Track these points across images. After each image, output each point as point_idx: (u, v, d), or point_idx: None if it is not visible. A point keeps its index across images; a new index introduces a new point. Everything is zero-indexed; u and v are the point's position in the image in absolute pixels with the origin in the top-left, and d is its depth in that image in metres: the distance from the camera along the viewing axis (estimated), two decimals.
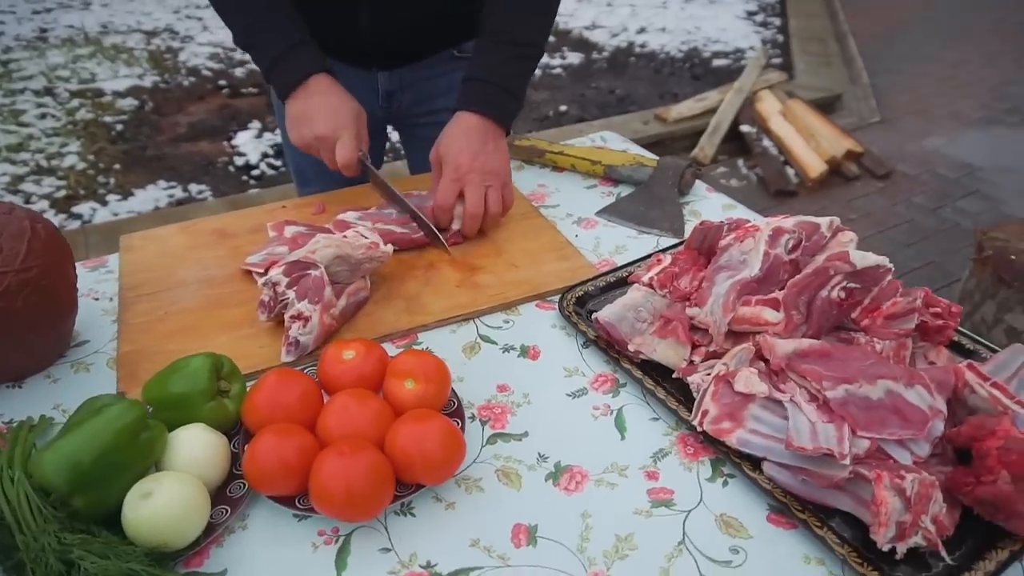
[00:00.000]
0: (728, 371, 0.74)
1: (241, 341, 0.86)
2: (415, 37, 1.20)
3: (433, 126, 1.32)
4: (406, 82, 1.25)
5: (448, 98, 1.29)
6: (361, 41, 1.16)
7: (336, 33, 1.15)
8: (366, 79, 1.24)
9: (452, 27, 1.23)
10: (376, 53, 1.20)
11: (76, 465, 0.58)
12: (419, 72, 1.25)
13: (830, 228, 0.84)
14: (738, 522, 0.66)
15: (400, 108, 1.29)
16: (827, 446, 0.65)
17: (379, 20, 1.13)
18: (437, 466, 0.66)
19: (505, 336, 0.89)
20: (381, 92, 1.26)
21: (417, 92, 1.27)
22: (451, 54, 1.26)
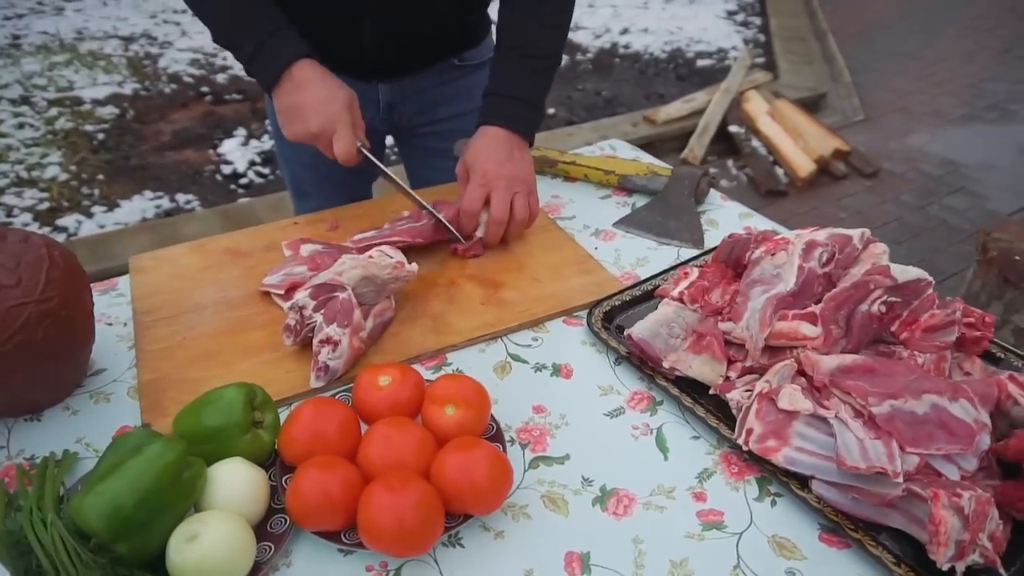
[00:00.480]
0: (771, 388, 0.73)
1: (265, 366, 0.84)
2: (417, 48, 1.19)
3: (435, 136, 1.32)
4: (407, 93, 1.24)
5: (450, 107, 1.29)
6: (363, 54, 1.14)
7: (338, 47, 1.13)
8: (366, 91, 1.21)
9: (453, 36, 1.22)
10: (377, 65, 1.19)
11: (119, 509, 0.56)
12: (420, 82, 1.24)
13: (861, 240, 0.84)
14: (791, 543, 0.66)
15: (401, 119, 1.28)
16: (879, 464, 0.65)
17: (382, 33, 1.12)
18: (486, 495, 0.64)
19: (535, 354, 0.87)
20: (382, 104, 1.24)
21: (419, 102, 1.26)
22: (452, 63, 1.25)
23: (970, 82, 4.66)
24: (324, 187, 1.33)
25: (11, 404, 0.76)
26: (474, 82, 1.28)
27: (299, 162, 1.33)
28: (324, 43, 1.11)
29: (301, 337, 0.83)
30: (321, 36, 1.10)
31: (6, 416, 0.77)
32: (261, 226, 1.12)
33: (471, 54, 1.26)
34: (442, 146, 1.30)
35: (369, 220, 1.12)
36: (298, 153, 1.30)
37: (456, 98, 1.28)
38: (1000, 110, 4.25)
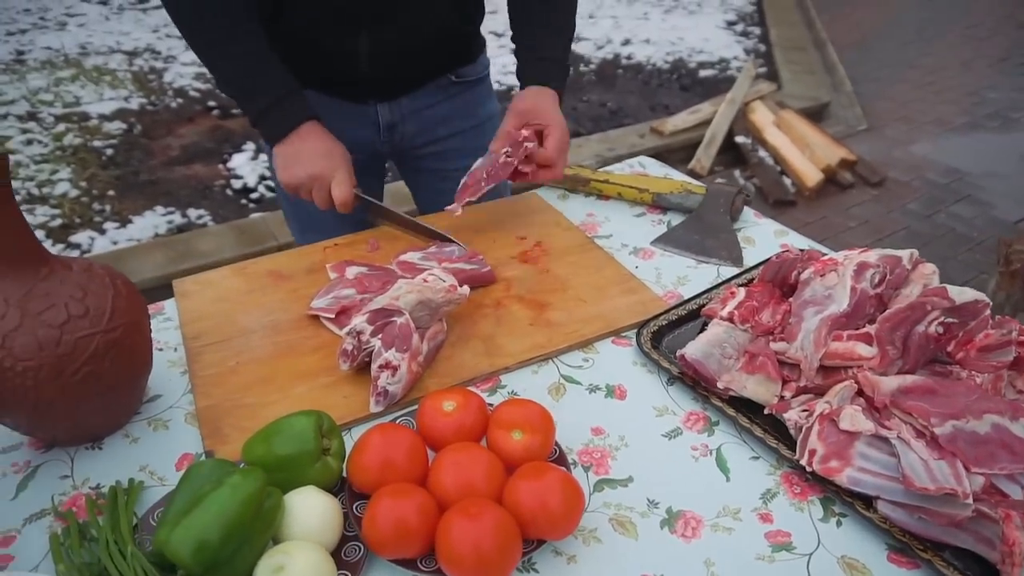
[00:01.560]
0: (832, 409, 0.74)
1: (322, 391, 0.84)
2: (413, 62, 1.19)
3: (436, 156, 1.31)
4: (406, 112, 1.24)
5: (449, 125, 1.29)
6: (360, 70, 1.14)
7: (336, 62, 1.14)
8: (366, 113, 1.22)
9: (449, 51, 1.23)
10: (375, 83, 1.19)
11: (206, 543, 0.56)
12: (418, 101, 1.24)
13: (911, 260, 0.85)
14: (861, 564, 0.66)
15: (402, 140, 1.28)
16: (948, 485, 0.65)
17: (379, 45, 1.12)
18: (561, 521, 0.65)
19: (587, 375, 0.88)
20: (382, 125, 1.24)
21: (418, 122, 1.26)
22: (449, 80, 1.25)
23: (970, 90, 4.70)
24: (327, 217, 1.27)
25: (75, 433, 0.76)
26: (471, 99, 1.31)
27: None
28: (322, 63, 1.14)
29: (358, 362, 0.83)
30: (320, 56, 1.13)
31: (68, 445, 0.78)
32: (301, 248, 1.13)
33: (467, 70, 1.27)
34: (445, 167, 1.31)
35: (408, 241, 1.13)
36: None
37: (455, 116, 1.29)
38: (1001, 118, 4.29)
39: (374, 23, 1.09)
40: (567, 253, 1.09)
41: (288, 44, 1.09)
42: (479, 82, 1.31)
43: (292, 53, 1.09)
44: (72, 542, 0.65)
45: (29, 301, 0.68)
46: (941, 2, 6.83)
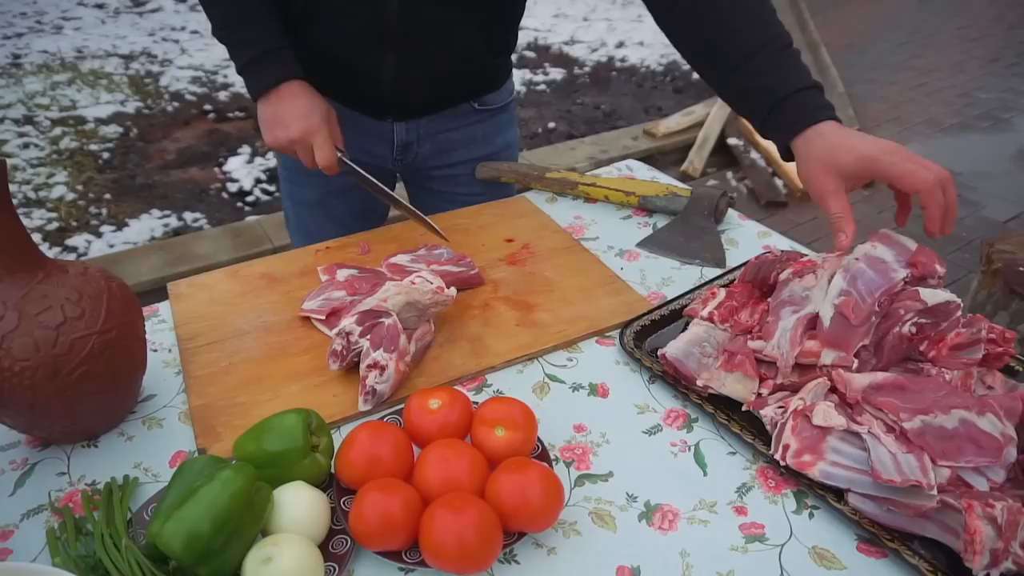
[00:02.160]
0: (805, 405, 0.77)
1: (312, 391, 0.86)
2: (437, 89, 1.18)
3: (447, 180, 1.30)
4: (423, 134, 1.23)
5: (466, 151, 1.27)
6: (382, 91, 1.14)
7: (358, 82, 1.13)
8: (382, 130, 1.22)
9: (475, 80, 1.22)
10: (395, 104, 1.19)
11: (197, 534, 0.58)
12: (437, 124, 1.23)
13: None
14: (831, 554, 0.69)
15: (415, 161, 1.27)
16: (913, 477, 0.68)
17: (403, 71, 1.11)
18: (541, 514, 0.67)
19: (571, 374, 0.90)
20: (396, 144, 1.23)
21: (434, 144, 1.25)
22: (471, 107, 1.24)
23: (961, 91, 4.74)
24: (329, 228, 1.30)
25: (71, 432, 0.78)
26: (491, 127, 1.28)
27: (304, 201, 1.33)
28: (344, 77, 1.13)
29: (347, 362, 0.86)
30: (342, 70, 1.12)
31: (65, 443, 0.80)
32: (293, 251, 1.15)
33: (491, 98, 1.26)
34: (453, 191, 1.30)
35: (398, 244, 1.15)
36: (305, 191, 1.30)
37: (472, 143, 1.27)
38: (992, 118, 4.33)
39: (401, 46, 1.08)
40: (554, 255, 1.11)
41: (313, 53, 1.10)
42: (501, 110, 1.29)
43: (316, 61, 1.10)
44: (68, 536, 0.67)
45: (26, 303, 0.70)
46: (933, 5, 6.88)
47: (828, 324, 0.79)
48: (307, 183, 1.28)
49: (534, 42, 5.55)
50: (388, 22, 1.04)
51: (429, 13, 1.04)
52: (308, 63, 1.08)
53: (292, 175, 1.31)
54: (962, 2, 6.93)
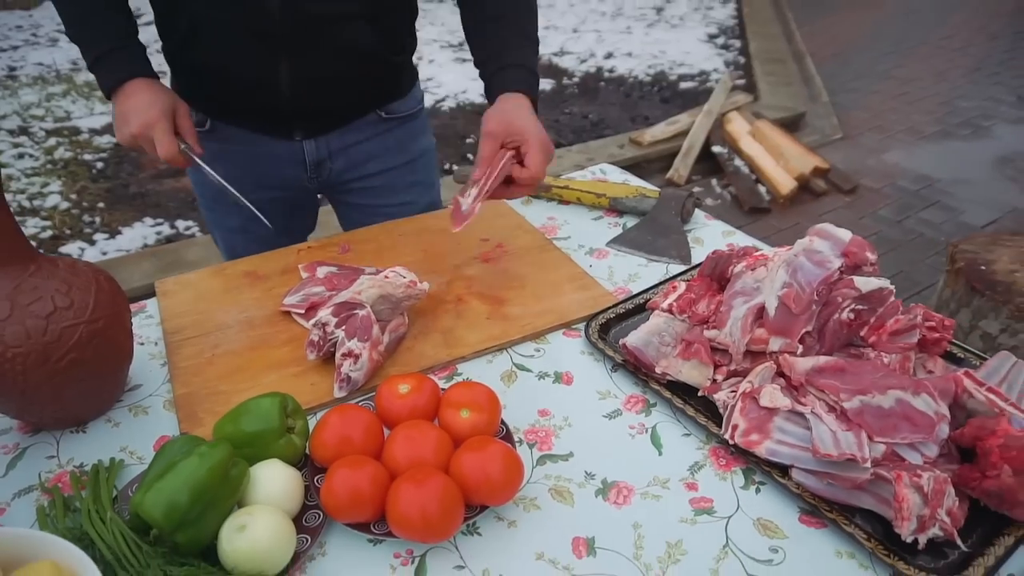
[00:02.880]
0: (753, 388, 0.81)
1: (290, 379, 0.91)
2: (337, 93, 1.17)
3: (366, 192, 1.29)
4: (334, 149, 1.23)
5: (380, 161, 1.27)
6: (281, 101, 1.13)
7: (257, 98, 1.13)
8: (292, 150, 1.21)
9: (377, 82, 1.21)
10: (299, 116, 1.18)
11: (176, 504, 0.63)
12: (347, 138, 1.23)
13: None
14: (774, 524, 0.73)
15: (331, 177, 1.27)
16: (849, 452, 0.73)
17: (300, 75, 1.11)
18: (500, 488, 0.72)
19: (538, 364, 0.95)
20: (309, 163, 1.23)
21: (347, 158, 1.25)
22: (378, 116, 1.24)
23: (943, 100, 4.82)
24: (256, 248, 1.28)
25: (60, 417, 0.82)
26: (403, 135, 1.27)
27: (229, 227, 1.34)
28: (243, 94, 1.13)
29: (323, 352, 0.90)
30: (240, 87, 1.12)
31: (55, 428, 0.84)
32: (276, 250, 1.20)
33: (397, 106, 1.25)
34: (374, 203, 1.30)
35: (377, 243, 1.20)
36: (226, 219, 1.32)
37: (386, 152, 1.27)
38: (972, 126, 4.41)
39: (292, 48, 1.08)
40: (526, 253, 1.16)
41: (209, 75, 1.11)
42: (411, 117, 1.29)
43: (213, 84, 1.12)
44: (57, 512, 0.71)
45: (18, 294, 0.75)
46: (917, 15, 7.00)
47: (773, 314, 0.84)
48: (228, 211, 1.29)
49: None
50: (272, 23, 1.03)
51: (313, 8, 1.04)
52: (206, 88, 1.09)
53: (210, 203, 1.33)
54: (945, 12, 7.05)
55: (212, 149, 1.15)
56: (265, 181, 1.23)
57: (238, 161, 1.20)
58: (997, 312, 1.52)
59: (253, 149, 1.18)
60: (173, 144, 1.03)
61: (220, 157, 1.16)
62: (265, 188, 1.23)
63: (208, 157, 1.09)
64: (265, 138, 1.19)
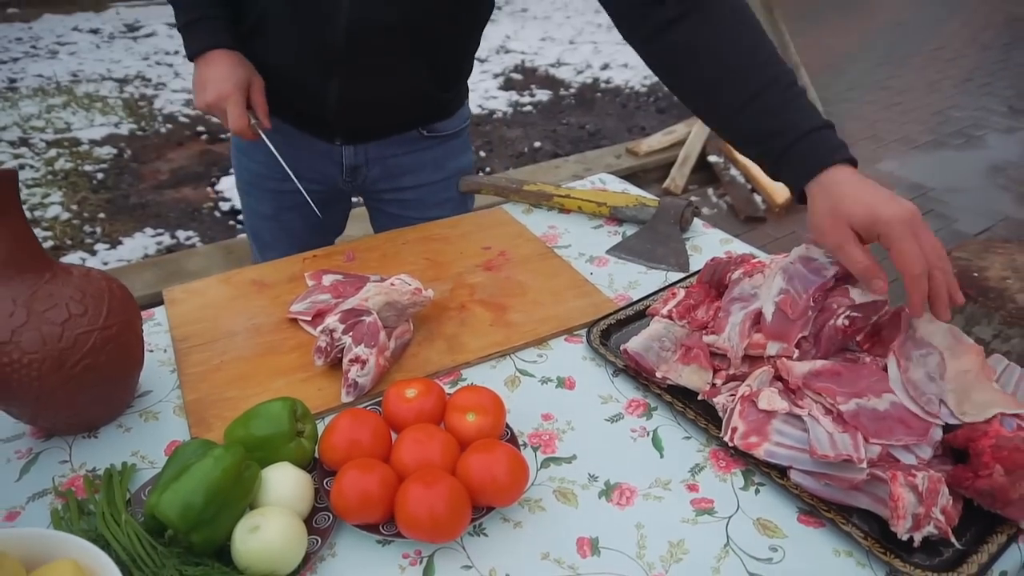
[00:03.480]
0: (752, 391, 0.83)
1: (298, 385, 0.93)
2: (383, 114, 1.20)
3: (399, 204, 1.32)
4: (372, 157, 1.26)
5: (415, 176, 1.30)
6: (327, 114, 1.16)
7: (303, 102, 1.16)
8: (330, 152, 1.25)
9: (422, 108, 1.24)
10: (341, 127, 1.21)
11: (191, 505, 0.64)
12: (385, 149, 1.26)
13: None
14: (773, 524, 0.75)
15: (365, 183, 1.30)
16: (846, 453, 0.74)
17: (348, 96, 1.14)
18: (506, 489, 0.73)
19: (541, 369, 0.97)
20: (345, 166, 1.26)
21: (383, 168, 1.28)
22: (419, 133, 1.26)
23: (935, 110, 4.88)
24: (283, 240, 1.35)
25: (73, 422, 0.84)
26: (442, 153, 1.30)
27: (260, 214, 1.37)
28: (290, 95, 1.17)
29: (330, 358, 0.92)
30: (288, 88, 1.15)
31: (68, 434, 0.86)
32: (282, 259, 1.21)
33: (441, 125, 1.28)
34: (407, 214, 1.32)
35: (381, 251, 1.22)
36: (261, 205, 1.35)
37: (422, 168, 1.29)
38: (965, 136, 4.46)
39: (347, 71, 1.10)
40: (528, 261, 1.19)
41: (261, 68, 1.14)
42: (454, 136, 1.31)
43: (266, 77, 1.14)
44: (72, 515, 0.73)
45: (34, 301, 0.77)
46: (909, 26, 7.08)
47: (770, 319, 0.87)
48: (262, 196, 1.33)
49: (521, 64, 5.68)
50: (335, 46, 1.06)
51: (377, 42, 1.07)
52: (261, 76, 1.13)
53: (248, 187, 1.36)
54: (937, 23, 7.13)
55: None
56: (303, 173, 1.24)
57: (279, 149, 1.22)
58: (990, 318, 1.55)
59: (295, 142, 1.20)
60: (244, 117, 1.09)
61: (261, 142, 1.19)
62: (303, 180, 1.24)
63: (248, 141, 1.15)
64: (305, 135, 1.23)
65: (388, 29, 1.06)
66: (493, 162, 3.96)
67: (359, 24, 1.05)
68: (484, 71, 5.49)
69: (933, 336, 0.83)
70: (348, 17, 1.04)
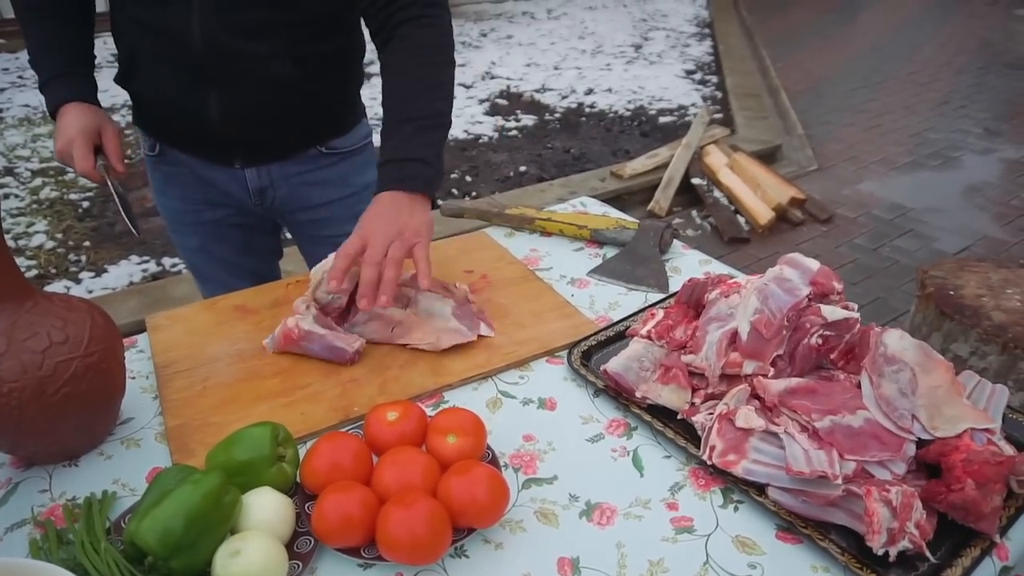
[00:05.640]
0: (729, 410, 0.85)
1: (280, 409, 0.93)
2: (268, 128, 1.21)
3: (313, 223, 1.34)
4: (276, 178, 1.27)
5: (322, 193, 1.31)
6: (215, 131, 1.16)
7: (190, 126, 1.18)
8: (235, 177, 1.26)
9: (312, 120, 1.24)
10: (234, 145, 1.22)
11: (171, 530, 0.64)
12: (286, 168, 1.27)
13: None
14: (752, 541, 0.76)
15: (274, 205, 1.31)
16: (821, 469, 0.76)
17: (227, 108, 1.15)
18: (487, 511, 0.74)
19: (522, 390, 0.98)
20: (251, 190, 1.28)
21: (289, 188, 1.29)
22: (318, 151, 1.28)
23: (913, 132, 4.98)
24: (221, 269, 1.36)
25: (53, 451, 0.84)
26: (346, 169, 1.31)
27: (191, 247, 1.39)
28: (178, 123, 1.20)
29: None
30: (174, 115, 1.18)
31: (47, 463, 0.85)
32: (266, 284, 1.22)
33: (339, 142, 1.28)
34: (320, 234, 1.34)
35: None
36: (189, 239, 1.38)
37: (327, 185, 1.30)
38: (942, 157, 4.55)
39: (221, 83, 1.12)
40: (510, 284, 1.20)
41: (148, 104, 1.21)
42: (355, 152, 1.32)
43: (153, 111, 1.21)
44: (51, 545, 0.72)
45: (15, 330, 0.77)
46: (886, 51, 7.25)
47: (746, 338, 0.88)
48: (188, 231, 1.37)
49: (506, 90, 5.75)
50: (197, 56, 1.08)
51: (233, 44, 1.08)
52: (151, 115, 1.20)
53: (174, 224, 1.39)
54: (913, 49, 7.31)
55: (163, 172, 1.30)
56: (218, 201, 1.30)
57: (188, 183, 1.29)
58: (967, 335, 1.57)
59: (200, 172, 1.24)
60: (87, 160, 1.12)
61: (171, 179, 1.30)
62: (219, 208, 1.32)
63: (161, 180, 1.25)
64: (208, 163, 1.25)
65: (242, 29, 1.08)
66: (479, 186, 3.99)
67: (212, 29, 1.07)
68: (470, 96, 5.56)
69: (904, 352, 0.85)
70: (201, 27, 1.07)
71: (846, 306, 0.92)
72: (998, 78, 6.29)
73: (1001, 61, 6.84)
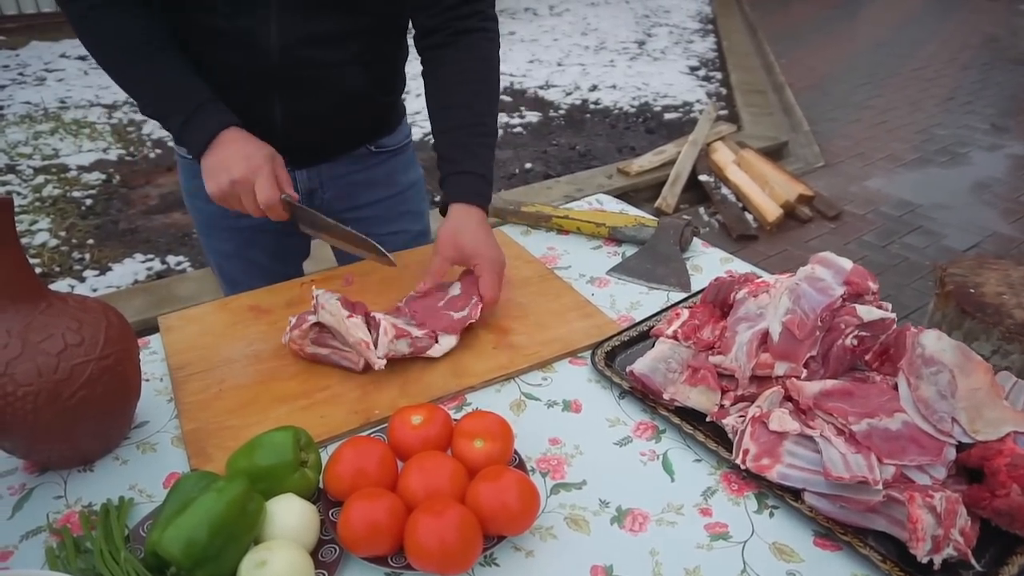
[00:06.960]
0: (762, 412, 0.82)
1: (300, 412, 0.91)
2: (329, 130, 1.22)
3: (358, 222, 1.28)
4: (325, 179, 1.28)
5: (370, 193, 1.31)
6: (275, 136, 1.12)
7: (250, 128, 1.11)
8: None
9: (367, 121, 1.26)
10: (291, 150, 1.17)
11: (195, 540, 0.62)
12: (337, 169, 1.27)
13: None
14: (789, 548, 0.74)
15: (323, 205, 1.30)
16: (861, 474, 0.73)
17: (292, 113, 1.15)
18: (518, 518, 0.72)
19: (546, 392, 0.95)
20: (301, 191, 1.26)
21: (337, 188, 1.29)
22: (368, 150, 1.29)
23: (919, 128, 4.95)
24: (251, 274, 1.33)
25: (68, 456, 0.81)
26: (392, 168, 1.32)
27: (224, 253, 1.36)
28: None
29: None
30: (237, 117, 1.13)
31: (62, 467, 0.83)
32: (280, 284, 1.20)
33: (387, 140, 1.30)
34: (368, 231, 1.26)
35: (380, 274, 1.21)
36: (223, 244, 1.34)
37: (375, 185, 1.32)
38: (949, 153, 4.52)
39: (289, 92, 1.12)
40: (528, 283, 1.18)
41: None
42: (400, 151, 1.34)
43: None
44: (68, 553, 0.70)
45: (29, 332, 0.75)
46: (889, 47, 7.22)
47: (777, 339, 0.86)
48: (222, 236, 1.33)
49: (510, 87, 5.72)
50: (271, 66, 1.08)
51: (310, 55, 1.08)
52: None
53: (207, 229, 1.35)
54: (916, 45, 7.27)
55: None
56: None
57: None
58: (988, 334, 1.55)
59: None
60: (275, 190, 1.02)
61: None
62: None
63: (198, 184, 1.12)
64: None
65: (319, 38, 1.07)
66: None
67: (290, 37, 1.06)
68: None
69: (943, 353, 0.83)
70: (279, 36, 1.05)
71: (880, 306, 0.89)
72: (1003, 74, 6.26)
73: (1006, 57, 6.81)
